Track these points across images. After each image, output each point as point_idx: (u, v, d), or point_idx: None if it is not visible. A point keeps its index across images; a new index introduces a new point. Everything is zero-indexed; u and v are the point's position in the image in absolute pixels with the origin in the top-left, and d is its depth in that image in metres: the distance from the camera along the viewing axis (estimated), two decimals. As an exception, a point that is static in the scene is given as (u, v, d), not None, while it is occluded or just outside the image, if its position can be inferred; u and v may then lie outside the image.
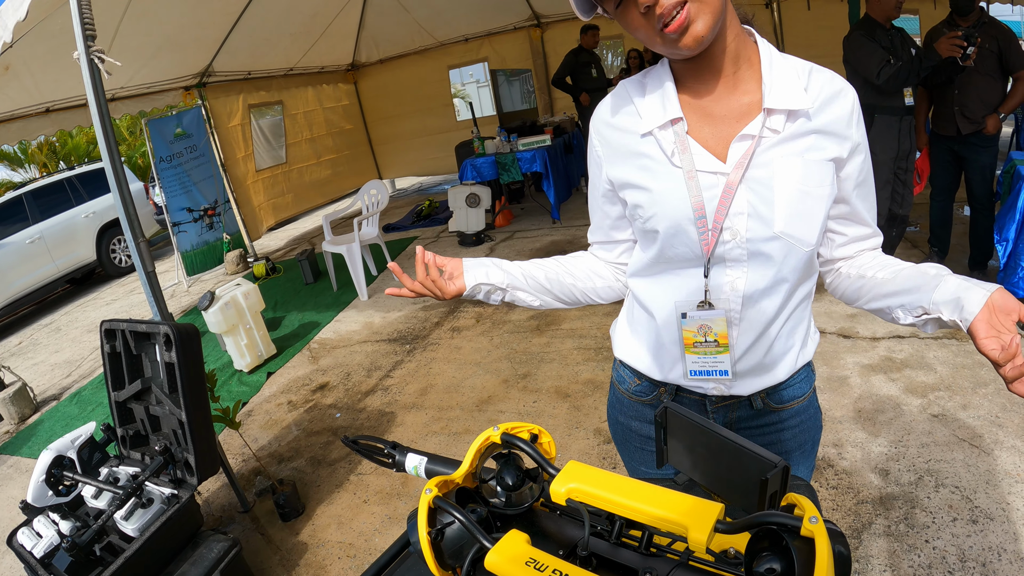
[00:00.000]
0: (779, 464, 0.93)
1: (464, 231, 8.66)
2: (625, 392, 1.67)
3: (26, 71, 6.38)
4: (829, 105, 1.28)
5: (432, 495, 1.03)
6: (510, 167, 8.59)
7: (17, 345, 10.03)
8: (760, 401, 1.50)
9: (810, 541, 0.77)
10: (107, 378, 3.67)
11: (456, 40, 12.08)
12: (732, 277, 1.35)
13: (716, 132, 1.31)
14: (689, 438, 1.11)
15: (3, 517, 4.87)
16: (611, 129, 1.44)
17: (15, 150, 20.46)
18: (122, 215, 3.44)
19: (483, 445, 1.14)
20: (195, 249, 10.09)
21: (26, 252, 11.14)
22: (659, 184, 1.35)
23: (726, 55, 1.28)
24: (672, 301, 1.44)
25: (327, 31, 10.73)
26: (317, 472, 4.29)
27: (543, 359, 5.04)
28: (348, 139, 13.51)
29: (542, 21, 11.24)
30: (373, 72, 13.29)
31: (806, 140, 1.27)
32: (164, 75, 9.21)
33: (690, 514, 0.84)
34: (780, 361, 1.46)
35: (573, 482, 0.96)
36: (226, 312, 5.81)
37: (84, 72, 3.27)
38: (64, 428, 6.08)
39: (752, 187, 1.27)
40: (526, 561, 0.87)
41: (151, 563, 2.98)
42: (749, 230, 1.29)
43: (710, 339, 1.40)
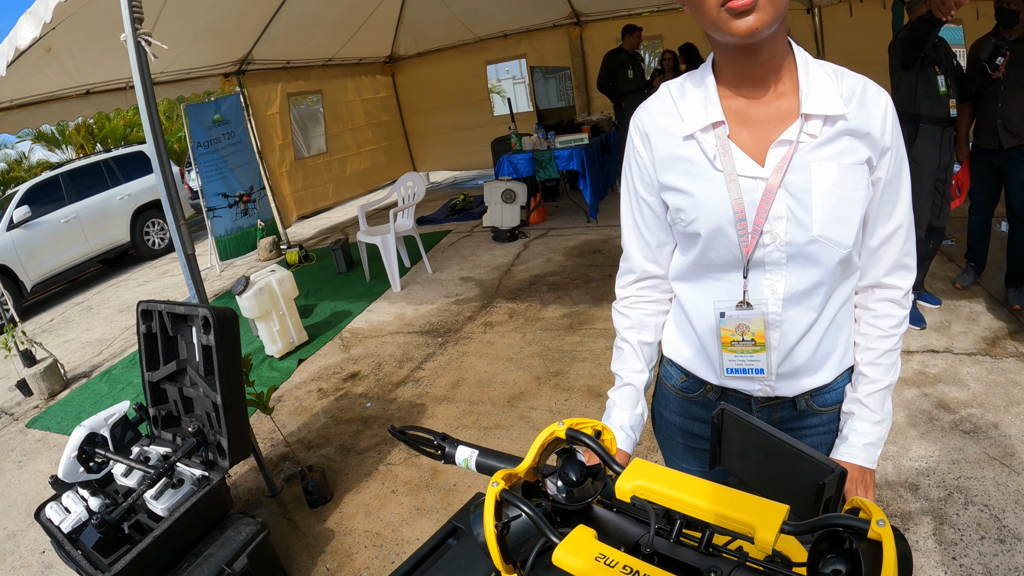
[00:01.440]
0: (836, 470, 0.96)
1: (499, 227, 8.62)
2: (671, 388, 1.69)
3: (67, 53, 6.42)
4: (863, 109, 1.30)
5: (499, 488, 1.02)
6: (547, 164, 8.54)
7: (49, 322, 10.13)
8: (804, 403, 1.51)
9: (876, 544, 0.76)
10: (142, 358, 3.68)
11: (495, 36, 12.03)
12: (772, 280, 1.37)
13: (755, 137, 1.33)
14: (744, 440, 1.13)
15: (29, 491, 4.90)
16: (653, 131, 1.44)
17: (53, 131, 20.70)
18: (164, 197, 3.47)
19: (547, 440, 1.12)
20: (229, 234, 10.14)
21: (61, 231, 11.28)
22: (701, 188, 1.36)
23: (772, 60, 1.30)
24: (712, 303, 1.45)
25: (366, 23, 10.73)
26: (346, 460, 4.28)
27: (575, 357, 5.00)
28: (384, 131, 13.51)
29: (582, 19, 11.15)
30: (411, 65, 13.28)
31: (840, 143, 1.29)
32: (204, 61, 9.25)
33: (757, 514, 0.84)
34: (824, 363, 1.46)
35: (639, 479, 0.95)
36: (260, 298, 5.82)
37: (131, 54, 3.27)
38: (93, 405, 6.12)
39: (790, 191, 1.29)
40: (596, 556, 0.86)
41: (179, 543, 2.98)
42: (788, 234, 1.31)
43: (747, 338, 1.42)
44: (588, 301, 6.01)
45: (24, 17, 4.05)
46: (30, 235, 10.78)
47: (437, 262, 8.28)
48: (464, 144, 13.06)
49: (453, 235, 9.62)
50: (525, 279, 6.96)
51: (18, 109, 7.11)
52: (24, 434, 5.95)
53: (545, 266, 7.25)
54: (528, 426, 4.23)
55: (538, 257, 7.64)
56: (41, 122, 7.61)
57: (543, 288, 6.57)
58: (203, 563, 2.92)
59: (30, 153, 22.16)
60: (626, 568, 0.83)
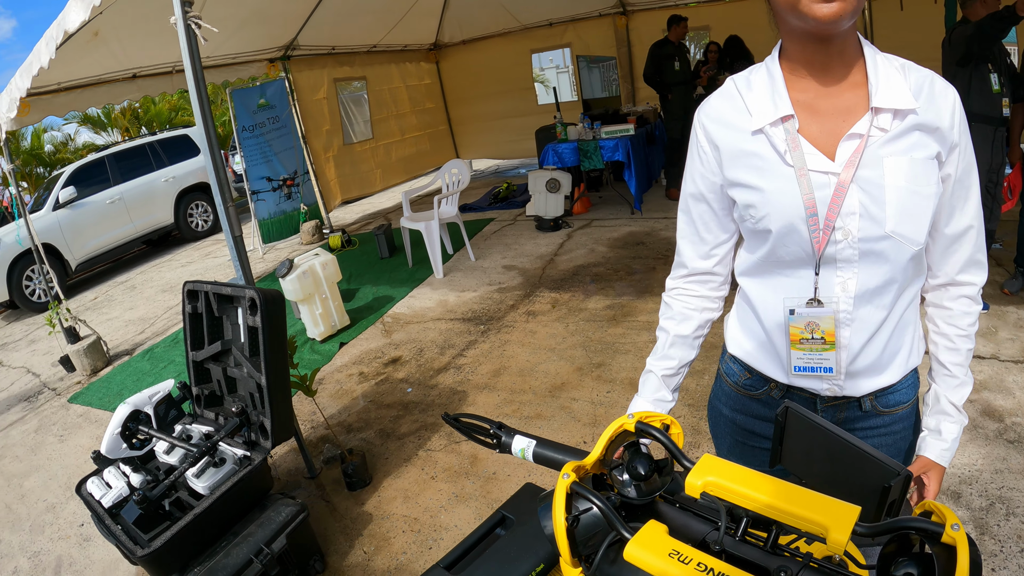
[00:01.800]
0: (902, 472, 0.98)
1: (542, 216, 8.54)
2: (733, 385, 1.65)
3: (114, 37, 6.45)
4: (931, 103, 1.27)
5: (570, 480, 1.02)
6: (592, 154, 8.46)
7: (93, 300, 10.29)
8: (869, 403, 1.48)
9: (949, 548, 0.76)
10: (186, 338, 3.72)
11: (540, 24, 11.91)
12: (843, 278, 1.34)
13: (824, 129, 1.30)
14: (807, 440, 1.13)
15: (69, 464, 4.96)
16: (720, 126, 1.41)
17: (99, 114, 20.99)
18: (213, 179, 3.47)
19: (615, 432, 1.11)
20: (272, 218, 10.23)
21: (106, 212, 11.48)
22: (771, 183, 1.33)
23: (843, 50, 1.27)
24: (781, 300, 1.43)
25: (411, 10, 10.68)
26: (386, 445, 4.26)
27: (618, 349, 4.93)
28: (428, 118, 13.51)
29: (628, 8, 10.99)
30: (455, 52, 13.24)
31: (910, 138, 1.26)
32: (249, 47, 9.29)
33: (831, 514, 0.82)
34: (892, 362, 1.44)
35: (711, 475, 0.94)
36: (303, 281, 5.83)
37: (181, 37, 3.28)
38: (135, 383, 6.18)
39: (863, 187, 1.26)
40: (669, 552, 0.86)
41: (219, 522, 2.99)
42: (861, 230, 1.28)
43: (816, 336, 1.39)
44: (631, 293, 5.92)
45: (72, 1, 4.06)
46: (75, 215, 10.97)
47: (480, 250, 8.25)
48: (507, 132, 12.98)
49: (496, 223, 9.59)
50: (568, 269, 6.88)
51: (65, 92, 7.16)
52: (66, 409, 6.03)
53: (588, 256, 7.17)
54: (569, 417, 4.17)
55: (581, 247, 7.56)
56: (88, 105, 7.68)
57: (586, 279, 6.50)
58: (242, 542, 2.93)
59: (76, 135, 22.50)
60: (701, 565, 0.82)
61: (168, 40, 6.75)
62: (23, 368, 7.63)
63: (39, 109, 6.77)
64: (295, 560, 3.08)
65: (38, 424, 5.84)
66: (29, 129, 18.59)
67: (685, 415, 3.93)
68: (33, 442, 5.51)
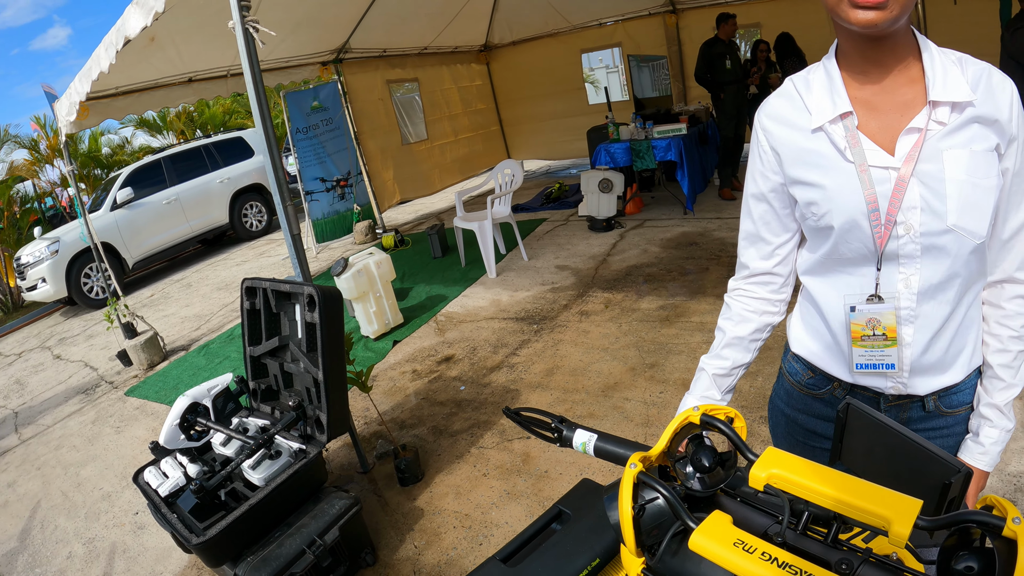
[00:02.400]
0: (963, 470, 0.99)
1: (595, 216, 8.48)
2: (796, 384, 1.65)
3: (170, 42, 6.57)
4: (989, 96, 1.25)
5: (637, 470, 1.03)
6: (644, 154, 8.39)
7: (149, 297, 10.50)
8: (932, 403, 1.46)
9: (1010, 542, 0.75)
10: (244, 333, 3.77)
11: (590, 24, 11.90)
12: (906, 274, 1.33)
13: (882, 125, 1.30)
14: (869, 436, 1.15)
15: (125, 455, 5.06)
16: (779, 125, 1.43)
17: (154, 117, 21.38)
18: (271, 179, 3.55)
19: (681, 424, 1.11)
20: (325, 218, 10.37)
21: (162, 212, 11.75)
22: (832, 180, 1.34)
23: (896, 47, 1.27)
24: (843, 297, 1.43)
25: (461, 12, 10.75)
26: (438, 441, 4.25)
27: (671, 350, 4.86)
28: (480, 119, 13.58)
29: (677, 7, 10.90)
30: (505, 54, 13.28)
31: (969, 131, 1.25)
32: (303, 50, 9.42)
33: (893, 507, 0.82)
34: (956, 361, 1.42)
35: (774, 468, 0.94)
36: (358, 279, 5.87)
37: (239, 41, 3.34)
38: (191, 377, 6.28)
39: (923, 180, 1.26)
40: (734, 542, 0.86)
41: (273, 513, 3.01)
42: (923, 224, 1.27)
43: (878, 332, 1.38)
44: (684, 294, 5.85)
45: (132, 7, 4.15)
46: (133, 215, 11.25)
47: (533, 249, 8.23)
48: (558, 132, 12.99)
49: (548, 223, 9.55)
50: (621, 269, 6.82)
51: (123, 96, 7.30)
52: (123, 401, 6.15)
53: (641, 257, 7.10)
54: (622, 416, 4.12)
55: (634, 248, 7.49)
56: (145, 108, 7.81)
57: (639, 279, 6.43)
58: (296, 533, 2.95)
59: (132, 138, 22.94)
60: (765, 554, 0.83)
61: (223, 44, 6.90)
62: (81, 362, 7.82)
63: (97, 113, 6.90)
64: (347, 552, 3.09)
65: (95, 415, 5.97)
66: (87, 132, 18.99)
67: (743, 417, 3.85)
68: (90, 433, 5.62)
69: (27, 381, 7.74)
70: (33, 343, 9.74)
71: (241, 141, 13.42)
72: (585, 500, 1.77)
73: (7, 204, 13.91)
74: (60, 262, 10.17)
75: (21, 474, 5.24)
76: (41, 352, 8.97)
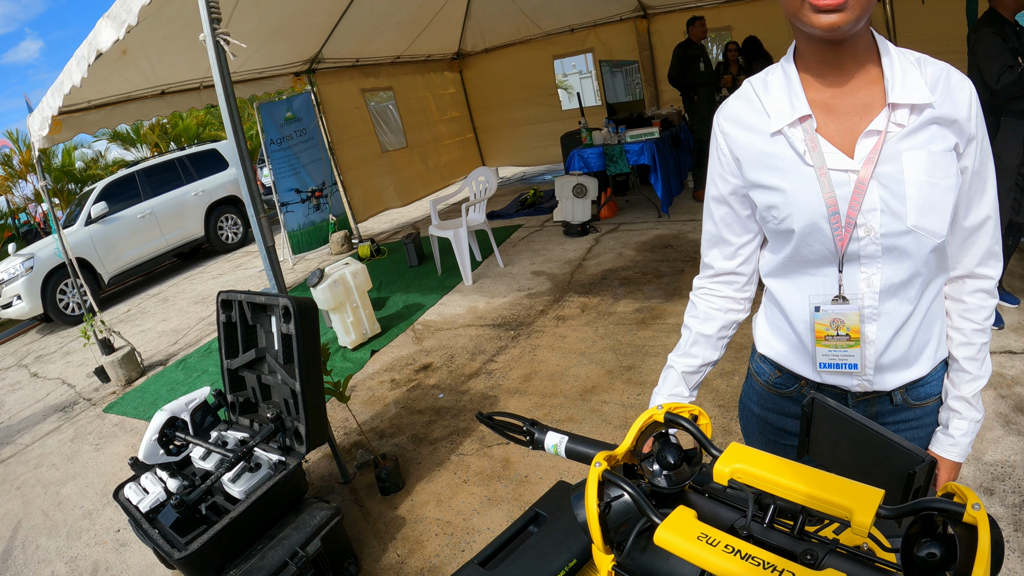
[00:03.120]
0: (927, 459, 1.02)
1: (570, 221, 8.53)
2: (764, 384, 1.67)
3: (142, 55, 6.55)
4: (948, 96, 1.27)
5: (602, 468, 1.04)
6: (618, 159, 8.44)
7: (126, 312, 10.43)
8: (900, 396, 1.49)
9: (971, 528, 0.77)
10: (221, 346, 3.78)
11: (562, 30, 11.94)
12: (867, 273, 1.35)
13: (841, 128, 1.32)
14: (834, 430, 1.17)
15: (106, 472, 5.03)
16: (738, 129, 1.43)
17: (128, 130, 21.22)
18: (245, 191, 3.55)
19: (646, 423, 1.13)
20: (301, 229, 10.36)
21: (137, 226, 11.68)
22: (792, 184, 1.35)
23: (856, 49, 1.28)
24: (806, 297, 1.44)
25: (434, 20, 10.77)
26: (418, 450, 4.27)
27: (648, 352, 4.90)
28: (455, 127, 13.61)
29: (648, 12, 10.96)
30: (478, 61, 13.31)
31: (928, 132, 1.27)
32: (275, 61, 9.40)
33: (855, 498, 0.85)
34: (920, 355, 1.44)
35: (738, 463, 0.96)
36: (334, 290, 5.88)
37: (210, 53, 3.35)
38: (169, 392, 6.26)
39: (883, 182, 1.27)
40: (697, 536, 0.88)
41: (255, 525, 3.01)
42: (883, 226, 1.29)
43: (842, 333, 1.41)
44: (660, 296, 5.90)
45: (103, 20, 4.13)
46: (107, 230, 11.18)
47: (508, 256, 8.26)
48: (532, 139, 13.06)
49: (524, 229, 9.59)
50: (596, 273, 6.87)
51: (95, 109, 7.25)
52: (101, 418, 6.12)
53: (616, 261, 7.15)
54: (600, 420, 4.16)
55: (609, 252, 7.53)
56: (118, 122, 7.75)
57: (615, 283, 6.48)
58: (277, 545, 2.96)
59: (106, 152, 22.75)
60: (728, 547, 0.84)
61: (196, 56, 6.89)
62: (58, 379, 7.76)
63: (70, 127, 6.85)
64: (329, 563, 3.10)
65: (74, 433, 5.93)
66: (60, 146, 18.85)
67: (715, 416, 3.89)
68: (69, 451, 5.59)
69: (4, 400, 7.67)
70: (9, 361, 9.65)
71: (215, 153, 13.36)
72: (561, 502, 1.80)
73: (-21, 221, 13.78)
74: (35, 279, 10.08)
75: (0, 494, 5.20)
76: (18, 370, 8.89)
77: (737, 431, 3.65)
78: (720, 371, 4.26)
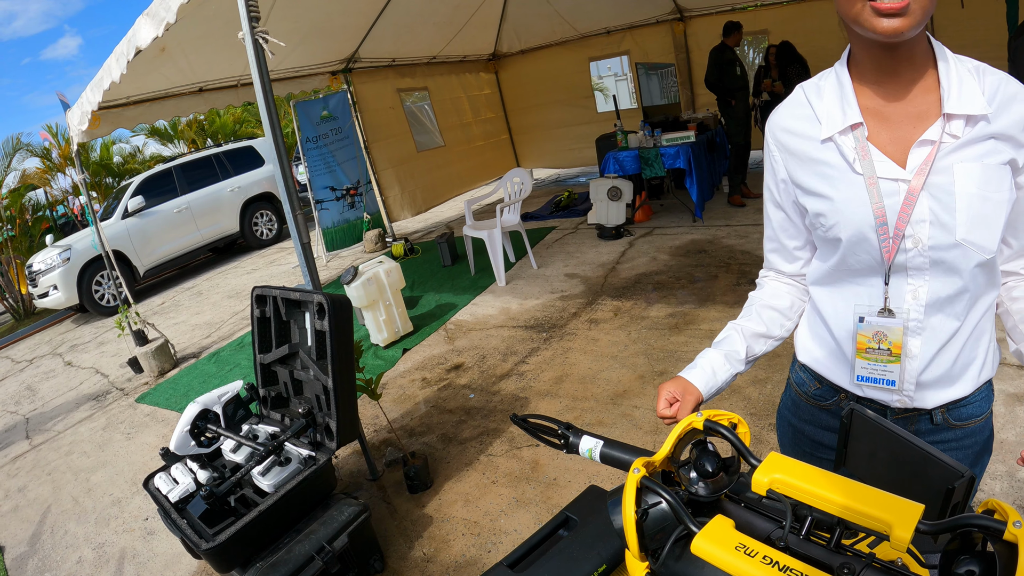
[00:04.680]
0: (966, 475, 0.99)
1: (604, 224, 8.48)
2: (803, 395, 1.64)
3: (180, 53, 6.61)
4: (1006, 109, 1.23)
5: (640, 475, 1.04)
6: (653, 162, 8.39)
7: (160, 305, 10.55)
8: (940, 416, 1.44)
9: (1012, 546, 0.76)
10: (255, 341, 3.79)
11: (598, 32, 11.91)
12: (914, 286, 1.32)
13: (894, 136, 1.29)
14: (873, 442, 1.16)
15: (136, 461, 5.08)
16: (789, 135, 1.42)
17: (166, 126, 21.50)
18: (282, 188, 3.58)
19: (684, 430, 1.13)
20: (335, 226, 10.41)
21: (173, 220, 11.83)
22: (840, 192, 1.33)
23: (912, 56, 1.24)
24: (852, 308, 1.42)
25: (470, 21, 10.79)
26: (447, 449, 4.25)
27: (680, 358, 4.85)
28: (489, 128, 13.62)
29: (685, 15, 10.90)
30: (514, 62, 13.31)
31: (984, 145, 1.22)
32: (312, 60, 9.45)
33: (894, 512, 0.83)
34: (964, 374, 1.40)
35: (777, 473, 0.96)
36: (368, 287, 5.89)
37: (249, 51, 3.37)
38: (201, 384, 6.31)
39: (933, 194, 1.24)
40: (736, 546, 0.87)
41: (283, 519, 3.02)
42: (931, 238, 1.26)
43: (883, 347, 1.38)
44: (693, 301, 5.84)
45: (143, 17, 4.17)
46: (144, 223, 11.32)
47: (542, 258, 8.23)
48: (567, 141, 13.04)
49: (557, 231, 9.55)
50: (630, 277, 6.82)
51: (134, 105, 7.33)
52: (133, 408, 6.18)
53: (650, 265, 7.10)
54: (630, 424, 4.12)
55: (643, 256, 7.48)
56: (156, 118, 7.83)
57: (648, 287, 6.43)
58: (305, 539, 2.96)
59: (144, 147, 23.05)
60: (766, 558, 0.84)
61: (233, 54, 6.94)
62: (92, 369, 7.86)
63: (109, 122, 6.94)
64: (355, 559, 3.09)
65: (106, 422, 6.00)
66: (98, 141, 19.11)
67: (747, 424, 3.83)
68: (101, 439, 5.66)
69: (38, 387, 7.79)
70: (44, 350, 9.80)
71: (251, 150, 13.49)
72: (592, 507, 1.78)
73: (19, 212, 14.01)
74: (72, 270, 10.25)
75: (32, 479, 5.27)
76: (52, 359, 9.02)
77: (769, 440, 3.60)
78: (753, 379, 4.20)
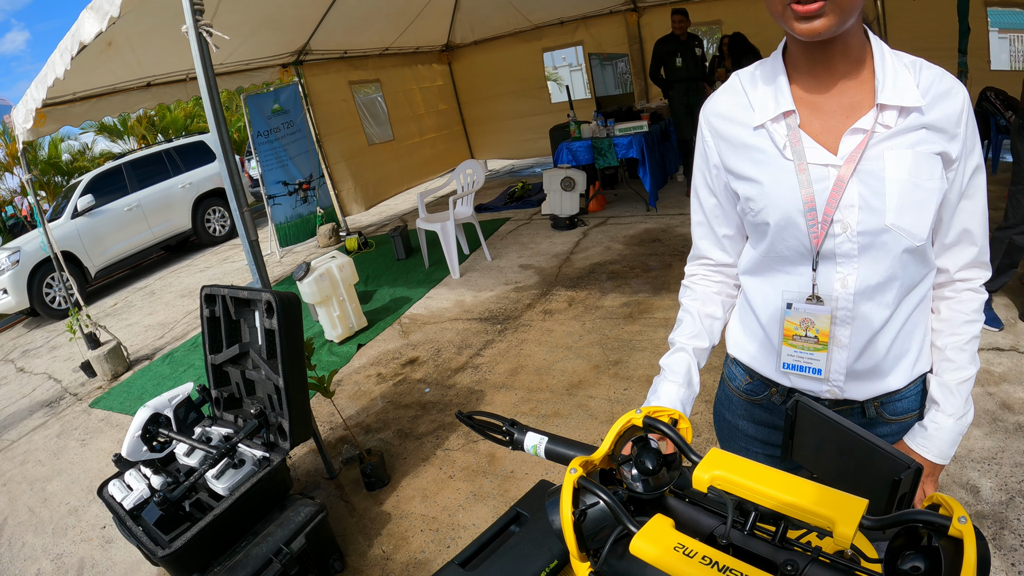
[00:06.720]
0: (912, 466, 0.99)
1: (558, 214, 8.53)
2: (735, 390, 1.66)
3: (128, 47, 6.49)
4: (940, 102, 1.25)
5: (577, 475, 1.02)
6: (606, 152, 8.43)
7: (112, 306, 10.39)
8: (873, 410, 1.46)
9: (956, 541, 0.76)
10: (205, 341, 3.74)
11: (552, 23, 11.91)
12: (843, 273, 1.32)
13: (827, 125, 1.31)
14: (818, 434, 1.15)
15: (91, 468, 5.01)
16: (723, 121, 1.43)
17: (115, 122, 21.11)
18: (228, 185, 3.51)
19: (624, 427, 1.12)
20: (288, 221, 10.31)
21: (124, 219, 11.63)
22: (770, 176, 1.34)
23: (846, 50, 1.26)
24: (780, 294, 1.42)
25: (423, 12, 10.71)
26: (404, 445, 4.26)
27: (634, 347, 4.90)
28: (443, 119, 13.58)
29: (639, 5, 10.94)
30: (467, 53, 13.27)
31: (916, 134, 1.25)
32: (262, 52, 9.35)
33: (837, 508, 0.83)
34: (896, 366, 1.41)
35: (718, 469, 0.94)
36: (320, 283, 5.86)
37: (192, 45, 3.32)
38: (155, 387, 6.24)
39: (863, 179, 1.26)
40: (674, 546, 0.86)
41: (239, 522, 3.01)
42: (860, 223, 1.27)
43: (810, 335, 1.39)
44: (648, 290, 5.90)
45: (86, 12, 4.10)
46: (94, 223, 11.12)
47: (496, 249, 8.25)
48: (521, 132, 13.03)
49: (512, 223, 9.57)
50: (584, 267, 6.87)
51: (81, 102, 7.19)
52: (87, 414, 6.09)
53: (604, 254, 7.15)
54: (586, 415, 4.16)
55: (597, 245, 7.53)
56: (103, 114, 7.69)
57: (602, 276, 6.48)
58: (262, 542, 2.95)
59: (93, 144, 22.63)
60: (705, 559, 0.83)
61: (182, 48, 6.76)
62: (44, 374, 7.72)
63: (55, 119, 6.80)
64: (314, 559, 3.09)
65: (60, 429, 5.91)
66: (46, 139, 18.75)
67: (703, 411, 3.88)
68: (55, 447, 5.57)
69: (-10, 395, 7.63)
70: (-5, 356, 9.60)
71: (203, 145, 13.30)
72: (543, 502, 1.80)
73: (-35, 214, 13.69)
74: (21, 272, 10.02)
75: (-14, 490, 5.18)
76: (3, 365, 8.84)
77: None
78: (708, 366, 4.22)
